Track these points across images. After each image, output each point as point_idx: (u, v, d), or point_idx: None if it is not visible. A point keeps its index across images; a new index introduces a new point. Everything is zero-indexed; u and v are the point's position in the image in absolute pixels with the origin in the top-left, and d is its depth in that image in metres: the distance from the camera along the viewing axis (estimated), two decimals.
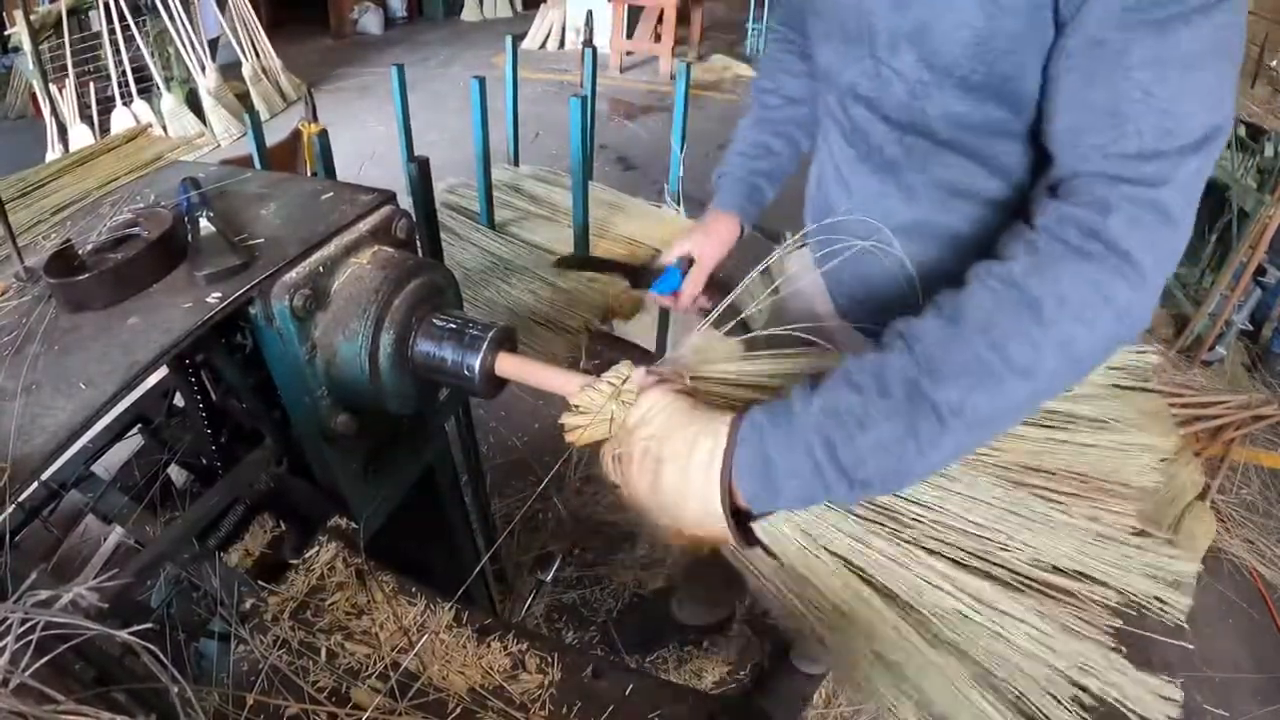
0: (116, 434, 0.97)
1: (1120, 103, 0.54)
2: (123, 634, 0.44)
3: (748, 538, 0.62)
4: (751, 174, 1.03)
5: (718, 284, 1.01)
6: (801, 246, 0.98)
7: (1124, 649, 0.58)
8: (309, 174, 2.20)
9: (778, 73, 1.03)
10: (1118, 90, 0.54)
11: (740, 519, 0.60)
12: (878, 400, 0.54)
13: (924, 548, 0.61)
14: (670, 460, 0.58)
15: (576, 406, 0.66)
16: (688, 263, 1.00)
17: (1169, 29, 0.52)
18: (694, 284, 0.99)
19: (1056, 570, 0.60)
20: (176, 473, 1.06)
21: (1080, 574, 0.59)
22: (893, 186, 0.79)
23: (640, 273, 1.08)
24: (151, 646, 0.45)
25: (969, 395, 0.53)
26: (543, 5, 6.43)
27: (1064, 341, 0.54)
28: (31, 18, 3.74)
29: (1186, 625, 0.60)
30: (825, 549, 0.61)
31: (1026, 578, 0.59)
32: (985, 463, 0.64)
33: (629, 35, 5.64)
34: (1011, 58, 0.61)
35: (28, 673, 0.42)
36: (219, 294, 0.73)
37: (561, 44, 6.33)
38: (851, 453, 0.54)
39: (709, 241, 1.00)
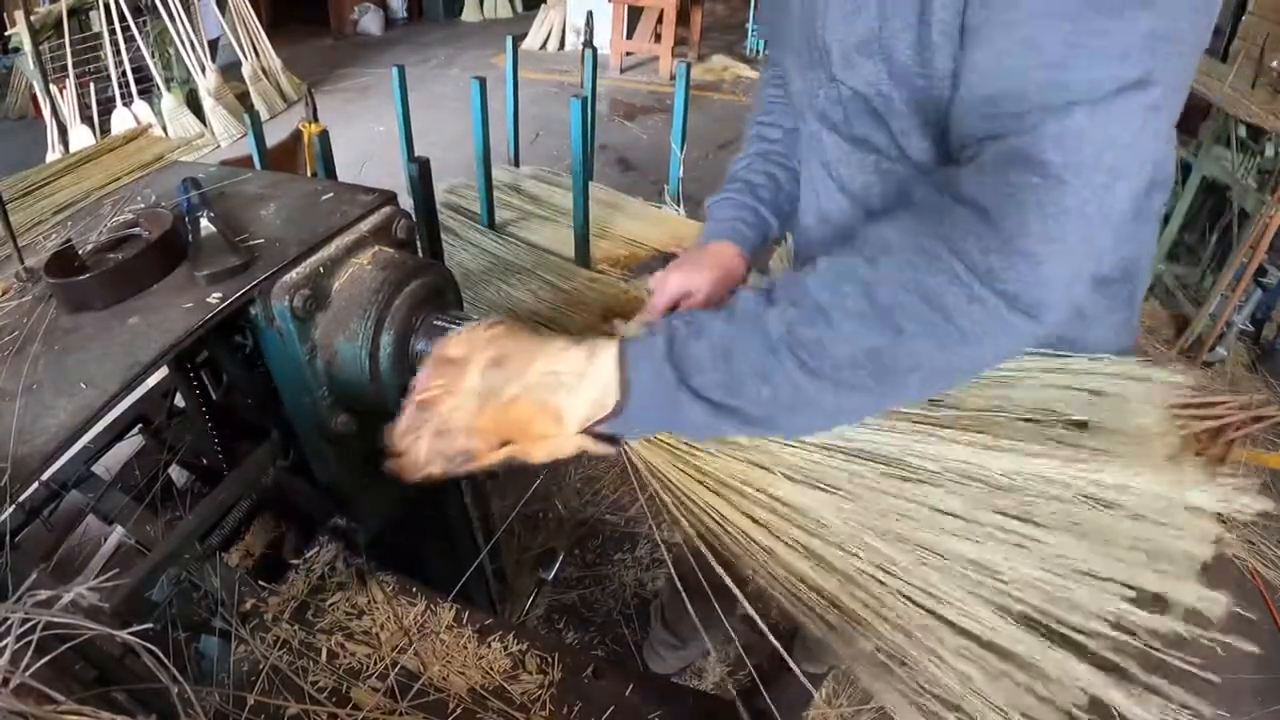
0: (117, 434, 0.97)
1: (1001, 59, 0.51)
2: (123, 634, 0.44)
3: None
4: (760, 207, 0.94)
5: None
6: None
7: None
8: (309, 174, 2.20)
9: (774, 108, 0.98)
10: (998, 47, 0.51)
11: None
12: (723, 314, 0.55)
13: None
14: (550, 361, 0.58)
15: None
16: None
17: None
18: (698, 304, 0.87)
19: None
20: (177, 473, 1.07)
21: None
22: (871, 218, 0.74)
23: None
24: (152, 646, 0.45)
25: (796, 326, 0.52)
26: (543, 6, 6.44)
27: (893, 278, 0.50)
28: (32, 18, 3.74)
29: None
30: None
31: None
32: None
33: (629, 36, 5.64)
34: (944, 52, 0.58)
35: (28, 673, 0.42)
36: (219, 294, 0.73)
37: (562, 44, 6.33)
38: (686, 354, 0.55)
39: (712, 283, 0.86)
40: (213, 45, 4.52)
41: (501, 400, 0.57)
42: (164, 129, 4.21)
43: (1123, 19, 0.47)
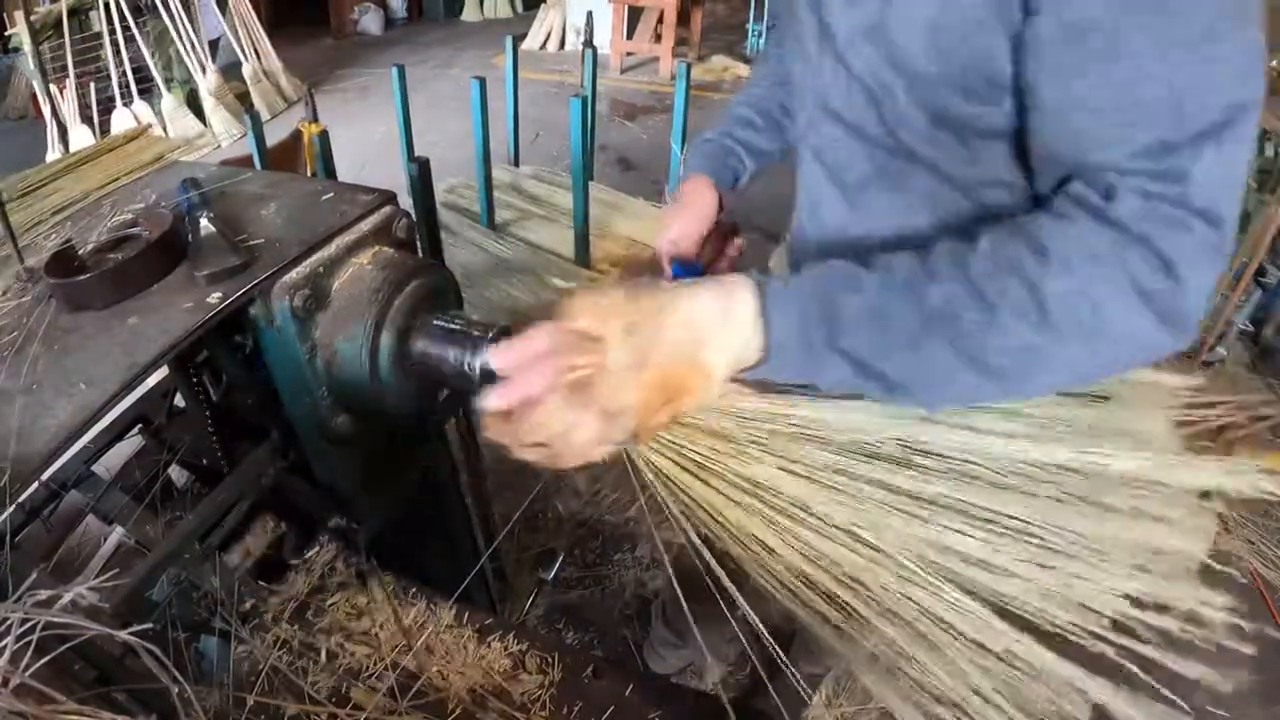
0: (117, 434, 0.97)
1: (1116, 95, 0.49)
2: (123, 634, 0.44)
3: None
4: (727, 140, 0.96)
5: (725, 233, 0.93)
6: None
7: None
8: (309, 174, 2.20)
9: (768, 61, 1.00)
10: (1111, 80, 0.49)
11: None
12: (879, 274, 0.54)
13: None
14: (679, 312, 0.55)
15: None
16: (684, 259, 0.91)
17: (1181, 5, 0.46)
18: (693, 247, 0.88)
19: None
20: (177, 473, 1.07)
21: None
22: (863, 213, 0.76)
23: None
24: (152, 647, 0.45)
25: (959, 308, 0.52)
26: (543, 6, 6.44)
27: (1066, 294, 0.50)
28: (32, 18, 3.75)
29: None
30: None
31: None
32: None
33: (629, 36, 5.64)
34: (972, 43, 0.56)
35: (28, 673, 0.42)
36: (219, 294, 0.73)
37: (562, 45, 6.33)
38: (836, 312, 0.54)
39: (684, 216, 0.88)
40: (213, 45, 4.52)
41: (650, 367, 0.54)
42: (164, 129, 4.21)
43: (1232, 41, 0.47)
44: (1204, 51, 0.47)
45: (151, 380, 0.77)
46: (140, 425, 1.01)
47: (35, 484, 0.65)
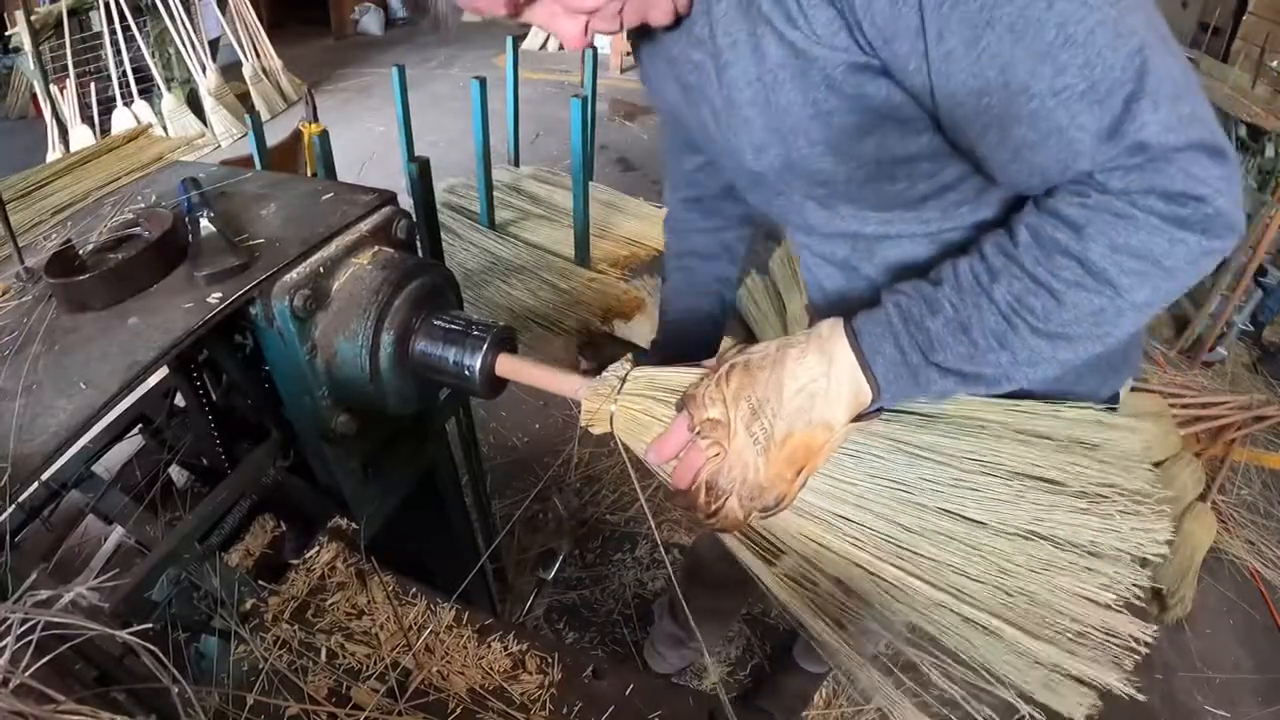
0: (117, 434, 0.97)
1: (1046, 121, 0.52)
2: (123, 634, 0.44)
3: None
4: (691, 351, 0.96)
5: None
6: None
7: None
8: (309, 174, 2.20)
9: (688, 234, 1.02)
10: (1035, 114, 0.52)
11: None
12: (949, 288, 0.58)
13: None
14: (795, 379, 0.60)
15: (584, 405, 0.68)
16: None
17: (1021, 23, 0.49)
18: None
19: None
20: (177, 473, 1.07)
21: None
22: (857, 279, 0.79)
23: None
24: (152, 647, 0.45)
25: (1025, 298, 0.55)
26: None
27: (1113, 248, 0.53)
28: (32, 18, 3.74)
29: (1186, 626, 0.60)
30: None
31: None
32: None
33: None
34: (869, 141, 0.62)
35: (28, 673, 0.42)
36: (219, 294, 0.73)
37: (562, 45, 6.33)
38: (924, 333, 0.58)
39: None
40: (213, 45, 4.52)
41: (779, 441, 0.60)
42: (164, 129, 4.21)
43: (1088, 13, 0.49)
44: (1079, 35, 0.49)
45: (151, 380, 0.77)
46: (140, 425, 1.01)
47: (35, 484, 0.65)
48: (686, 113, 0.75)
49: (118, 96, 4.17)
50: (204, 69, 4.37)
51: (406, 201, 1.06)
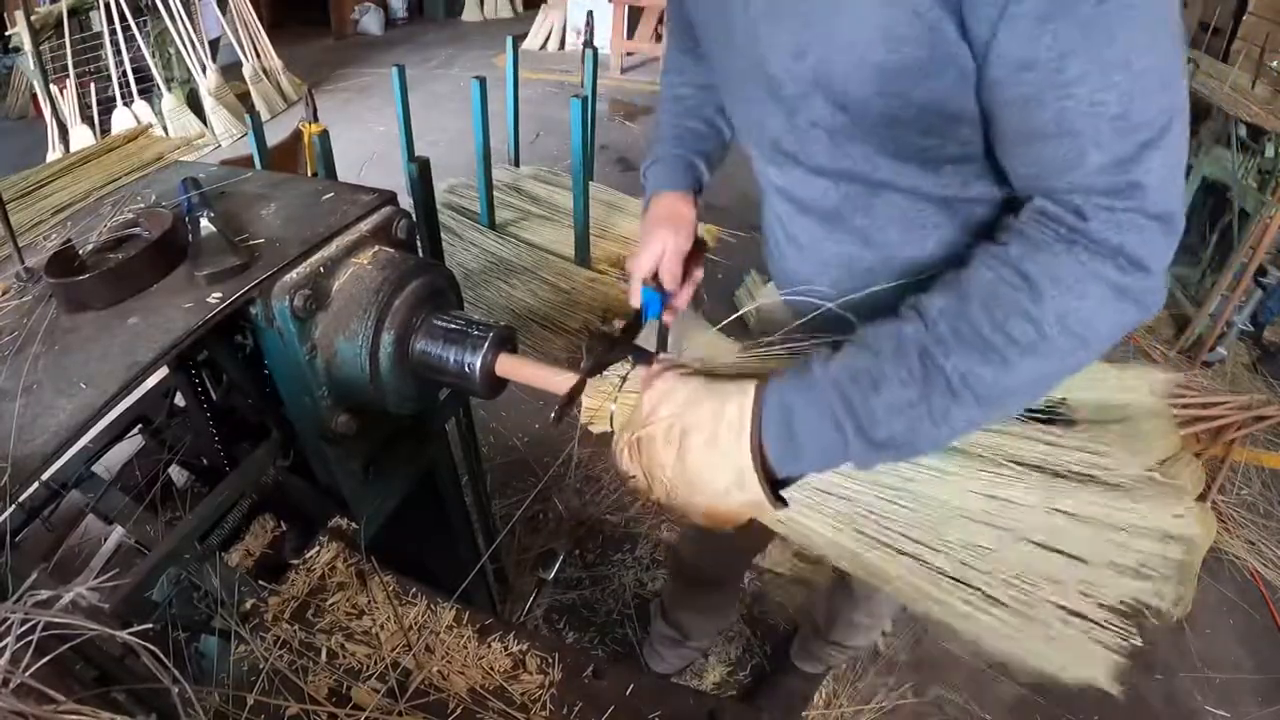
0: (117, 434, 0.97)
1: (1070, 122, 0.52)
2: (123, 634, 0.44)
3: (777, 501, 0.62)
4: (687, 154, 0.95)
5: (695, 253, 0.91)
6: (767, 281, 0.97)
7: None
8: (309, 174, 2.20)
9: (685, 65, 0.98)
10: (1063, 111, 0.52)
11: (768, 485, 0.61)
12: (893, 363, 0.56)
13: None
14: (696, 429, 0.60)
15: (584, 404, 0.68)
16: (656, 282, 0.89)
17: (1095, 27, 0.49)
18: (674, 281, 0.88)
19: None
20: (177, 473, 1.07)
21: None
22: (842, 233, 0.76)
23: (628, 329, 0.90)
24: (152, 647, 0.45)
25: (976, 368, 0.55)
26: (543, 6, 6.43)
27: (1061, 315, 0.54)
28: (32, 18, 3.74)
29: (1186, 626, 0.61)
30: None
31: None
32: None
33: (629, 35, 5.63)
34: (926, 85, 0.59)
35: (28, 673, 0.42)
36: (219, 294, 0.73)
37: (562, 44, 6.33)
38: (868, 412, 0.56)
39: (673, 233, 0.87)
40: (213, 45, 4.52)
41: (676, 471, 0.61)
42: (164, 129, 4.21)
43: (1155, 53, 0.51)
44: (1136, 67, 0.50)
45: (151, 380, 0.77)
46: (140, 425, 1.01)
47: (35, 484, 0.65)
48: None
49: (118, 96, 4.17)
50: (204, 69, 4.37)
51: (406, 201, 1.06)
